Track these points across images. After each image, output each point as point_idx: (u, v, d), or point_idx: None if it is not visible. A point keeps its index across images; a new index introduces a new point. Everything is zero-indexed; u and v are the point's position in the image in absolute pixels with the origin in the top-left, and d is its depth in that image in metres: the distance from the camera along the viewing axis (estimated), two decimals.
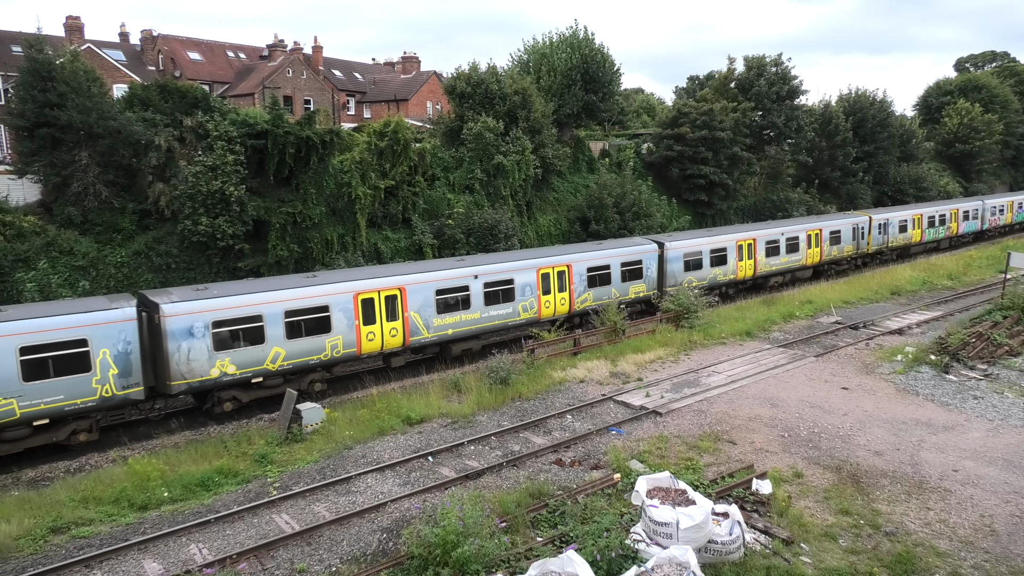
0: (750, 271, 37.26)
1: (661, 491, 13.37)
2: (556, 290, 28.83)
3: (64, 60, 27.81)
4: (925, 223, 50.22)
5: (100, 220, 28.12)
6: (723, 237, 35.92)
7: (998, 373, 23.54)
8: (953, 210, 53.64)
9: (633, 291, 31.83)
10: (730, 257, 35.89)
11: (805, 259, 40.51)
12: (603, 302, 29.58)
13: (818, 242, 41.28)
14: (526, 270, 27.75)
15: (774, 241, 38.50)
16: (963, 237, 55.85)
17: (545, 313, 28.54)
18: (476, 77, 41.46)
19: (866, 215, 45.53)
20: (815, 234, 41.10)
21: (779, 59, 55.23)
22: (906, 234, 48.68)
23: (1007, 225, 61.73)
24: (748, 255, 36.90)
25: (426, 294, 24.84)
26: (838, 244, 42.78)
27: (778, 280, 39.31)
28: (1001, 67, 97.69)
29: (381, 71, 73.91)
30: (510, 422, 20.14)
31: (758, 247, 37.41)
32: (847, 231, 43.50)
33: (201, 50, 60.56)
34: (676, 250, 33.47)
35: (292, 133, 30.12)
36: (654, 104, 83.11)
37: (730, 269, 35.98)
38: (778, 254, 38.75)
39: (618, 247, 31.97)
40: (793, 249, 39.69)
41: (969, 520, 14.46)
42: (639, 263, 31.97)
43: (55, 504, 15.50)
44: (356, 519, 14.83)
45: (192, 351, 20.19)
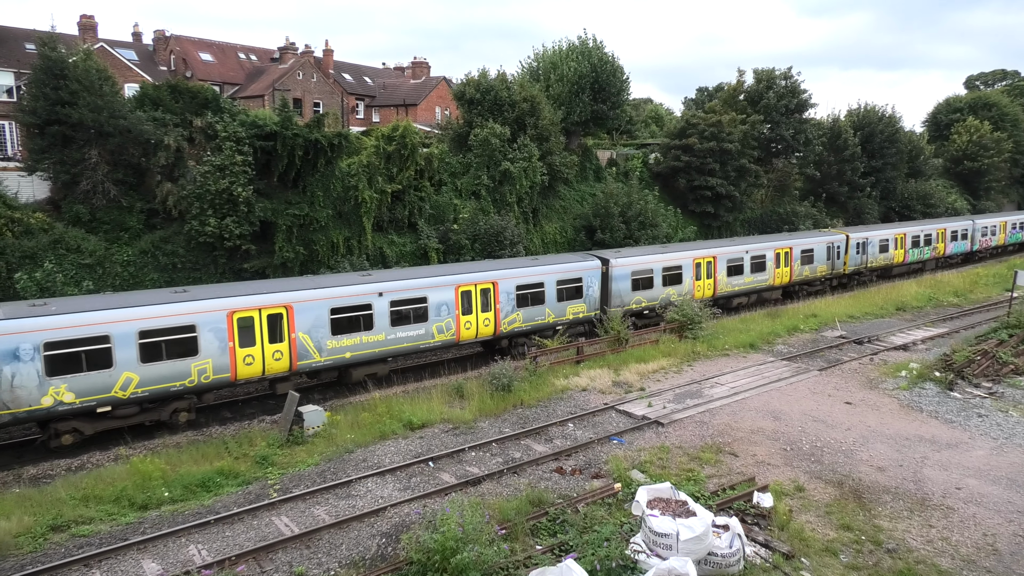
0: (709, 291, 34.67)
1: (662, 502, 13.33)
2: (479, 310, 26.25)
3: (77, 59, 28.00)
4: (909, 243, 47.88)
5: (108, 218, 28.25)
6: (679, 254, 33.66)
7: (1003, 391, 23.42)
8: (940, 230, 51.18)
9: (571, 312, 29.19)
10: (686, 276, 33.44)
11: (773, 279, 38.02)
12: (536, 323, 27.91)
13: (788, 261, 38.78)
14: (442, 287, 25.30)
15: (737, 259, 36.12)
16: (951, 258, 53.39)
17: (465, 335, 26.09)
18: (485, 84, 41.59)
19: (843, 233, 43.41)
20: (784, 252, 38.61)
21: (789, 72, 55.33)
22: (887, 254, 46.26)
23: (999, 246, 59.58)
24: (708, 274, 34.51)
25: (318, 313, 22.34)
26: (810, 264, 40.38)
27: (742, 301, 36.96)
28: (1011, 85, 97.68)
29: (391, 75, 74.21)
30: (511, 429, 20.11)
31: (719, 265, 35.00)
32: (821, 250, 41.12)
33: (213, 51, 60.91)
34: (623, 267, 30.96)
35: (301, 135, 30.23)
36: (662, 114, 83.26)
37: (686, 289, 33.41)
38: (741, 273, 36.29)
39: (554, 263, 29.50)
40: (759, 268, 37.18)
41: (972, 539, 14.37)
42: (578, 281, 29.39)
43: (55, 502, 15.52)
44: (356, 523, 14.81)
45: (17, 376, 17.64)
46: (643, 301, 31.94)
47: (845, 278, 43.83)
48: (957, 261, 54.16)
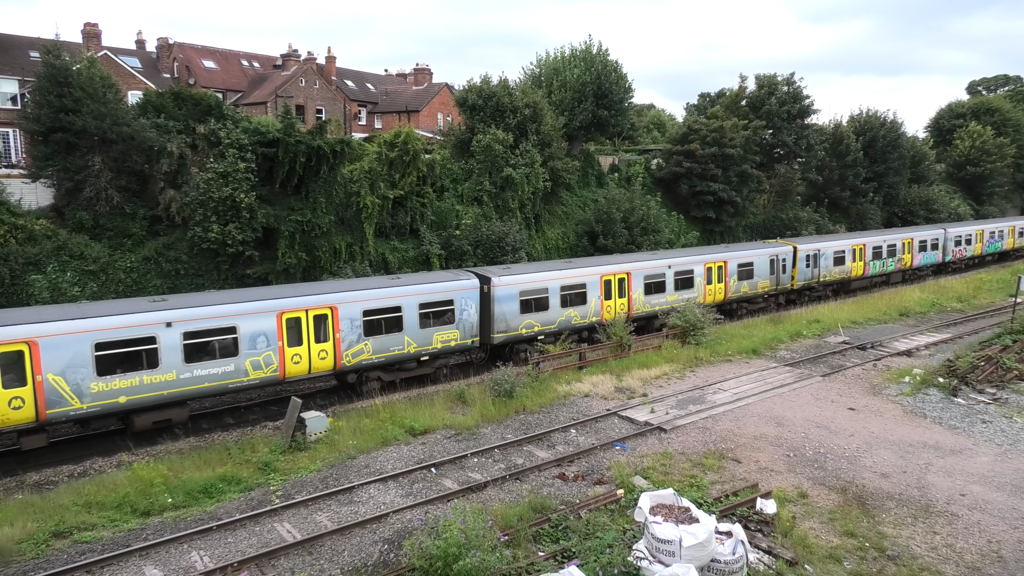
0: (623, 311, 30.93)
1: (664, 508, 13.28)
2: (311, 340, 22.41)
3: (81, 66, 28.12)
4: (869, 254, 44.18)
5: (111, 225, 28.32)
6: (582, 271, 29.74)
7: (1007, 397, 23.34)
8: (906, 239, 47.26)
9: (440, 340, 25.44)
10: (591, 295, 29.61)
11: (703, 297, 34.25)
12: (390, 355, 24.24)
13: (722, 276, 35.32)
14: (259, 314, 21.35)
15: (657, 275, 32.34)
16: (920, 270, 49.46)
17: (293, 370, 22.13)
18: (487, 90, 41.70)
19: (791, 244, 39.90)
20: (718, 267, 35.09)
21: (791, 78, 55.40)
22: (843, 267, 42.55)
23: (976, 257, 55.71)
24: (619, 292, 30.81)
25: (78, 349, 18.41)
26: (749, 279, 36.76)
27: (662, 323, 32.01)
28: (1013, 91, 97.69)
29: (393, 82, 74.44)
30: (514, 435, 20.08)
31: (633, 282, 31.25)
32: (762, 263, 37.44)
33: (216, 58, 61.16)
34: (508, 286, 27.03)
35: (303, 142, 30.32)
36: (665, 120, 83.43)
37: (591, 310, 29.66)
38: (663, 291, 32.57)
39: (415, 283, 25.45)
40: (685, 285, 33.59)
41: (976, 545, 14.30)
42: (448, 304, 25.62)
43: (58, 508, 15.51)
44: (358, 529, 14.78)
45: None
46: (536, 325, 27.94)
47: (793, 294, 40.44)
48: (927, 273, 50.30)
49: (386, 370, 24.68)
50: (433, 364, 25.75)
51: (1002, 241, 58.73)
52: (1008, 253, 60.24)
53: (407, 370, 25.24)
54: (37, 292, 25.13)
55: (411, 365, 25.23)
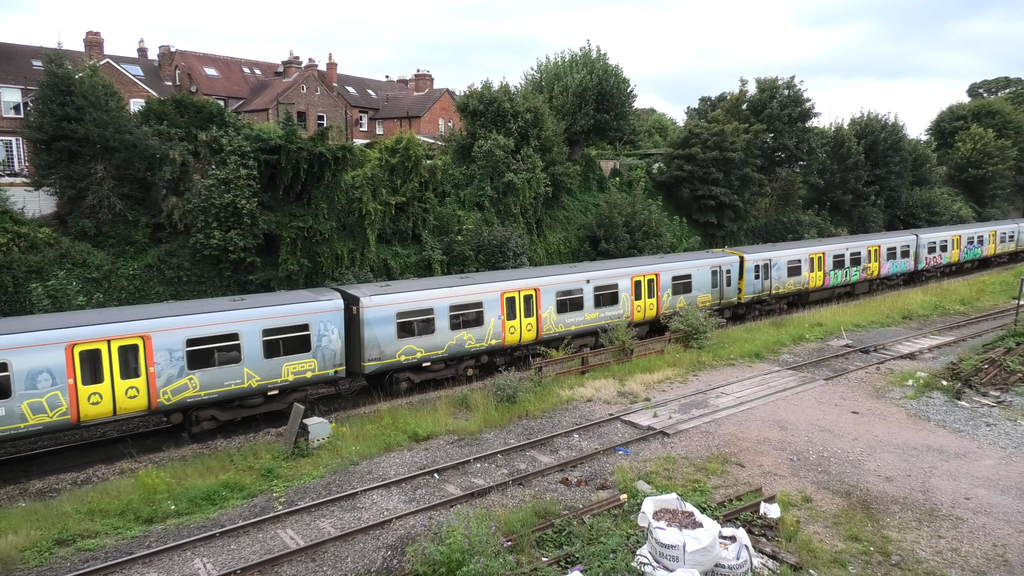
0: (530, 332, 27.70)
1: (668, 513, 13.25)
2: (116, 376, 18.97)
3: (83, 75, 28.23)
4: (829, 263, 40.95)
5: (114, 233, 28.39)
6: (478, 287, 26.21)
7: (1011, 400, 23.27)
8: (873, 246, 44.19)
9: (292, 370, 21.94)
10: (490, 315, 26.30)
11: (630, 314, 30.88)
12: (225, 391, 20.78)
13: (653, 291, 31.93)
14: (40, 348, 17.87)
15: (573, 291, 29.07)
16: (889, 279, 46.43)
17: (91, 412, 18.71)
18: (488, 95, 41.78)
19: (737, 254, 36.66)
20: (648, 280, 31.75)
21: (791, 82, 55.46)
22: (800, 277, 39.23)
23: (952, 264, 52.39)
24: (526, 310, 27.41)
25: None
26: (687, 293, 33.37)
27: (589, 343, 29.80)
28: (1015, 93, 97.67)
29: (394, 88, 74.60)
30: (517, 440, 20.06)
31: (543, 299, 27.85)
32: (703, 275, 34.14)
33: (217, 66, 61.36)
34: (382, 307, 23.69)
35: (305, 149, 30.39)
36: (666, 124, 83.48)
37: (489, 332, 26.37)
38: (580, 309, 29.26)
39: (259, 304, 21.77)
40: (608, 301, 30.21)
41: (981, 549, 14.25)
42: (303, 329, 22.11)
43: (61, 516, 15.51)
44: (361, 536, 14.77)
45: None
46: (418, 351, 24.63)
47: (741, 308, 37.08)
48: (898, 283, 47.25)
49: (222, 408, 21.21)
50: (286, 399, 22.15)
51: (982, 247, 55.46)
52: (989, 260, 57.21)
53: (251, 407, 21.75)
54: (39, 300, 25.17)
55: (256, 401, 21.71)
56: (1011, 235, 59.64)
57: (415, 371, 25.06)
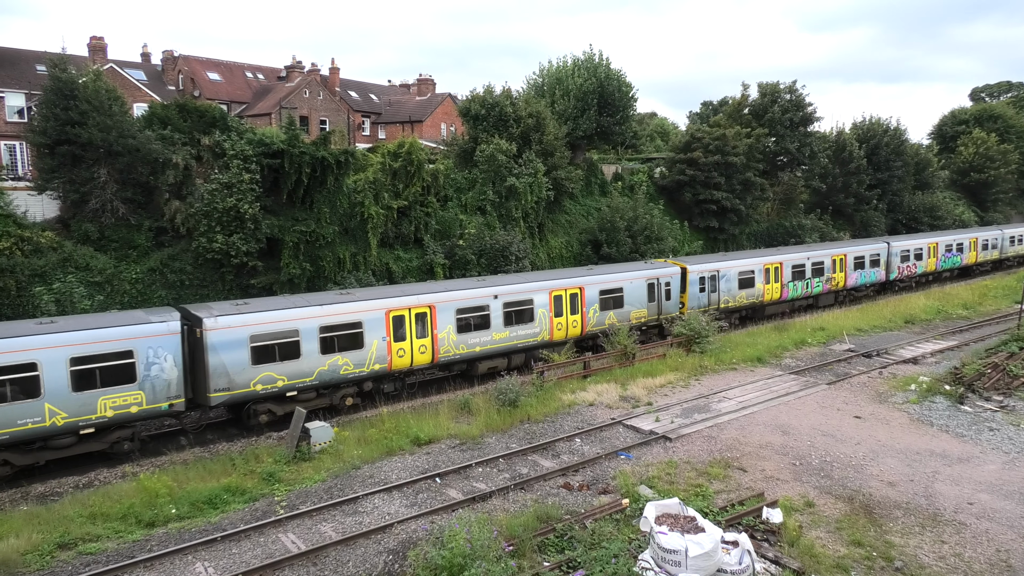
0: (424, 355, 24.69)
1: (670, 517, 13.23)
2: None
3: (87, 79, 28.34)
4: (787, 274, 38.07)
5: (116, 236, 28.45)
6: (357, 305, 23.30)
7: (1014, 405, 23.22)
8: (838, 255, 41.31)
9: (112, 405, 19.01)
10: (372, 336, 23.36)
11: (548, 332, 28.05)
12: (20, 430, 17.78)
13: (577, 306, 28.90)
14: None
15: (476, 307, 25.91)
16: (857, 291, 43.51)
17: None
18: (490, 100, 41.85)
19: (679, 265, 33.79)
20: (570, 295, 28.57)
21: (793, 86, 55.50)
22: (752, 290, 36.36)
23: (929, 274, 49.28)
24: (419, 331, 24.48)
25: None
26: (618, 308, 30.37)
27: (498, 366, 26.90)
28: (1017, 97, 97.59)
29: (396, 93, 74.77)
30: (519, 444, 20.04)
31: (439, 317, 24.92)
32: (636, 288, 31.00)
33: (220, 70, 61.53)
34: (232, 329, 20.67)
35: (307, 153, 30.45)
36: (668, 128, 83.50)
37: (372, 356, 23.43)
38: (487, 327, 26.22)
39: (70, 328, 18.88)
40: (522, 319, 27.24)
41: (985, 555, 14.20)
42: (125, 355, 19.19)
43: (63, 519, 15.53)
44: (362, 540, 14.75)
45: None
46: (280, 379, 21.63)
47: None
48: (868, 293, 44.49)
49: (17, 451, 18.17)
50: (106, 438, 19.43)
51: (961, 255, 51.90)
52: (970, 269, 53.91)
53: (58, 448, 18.77)
54: (43, 304, 25.23)
55: (65, 441, 18.72)
56: (993, 243, 56.17)
57: (278, 402, 21.98)
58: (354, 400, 23.80)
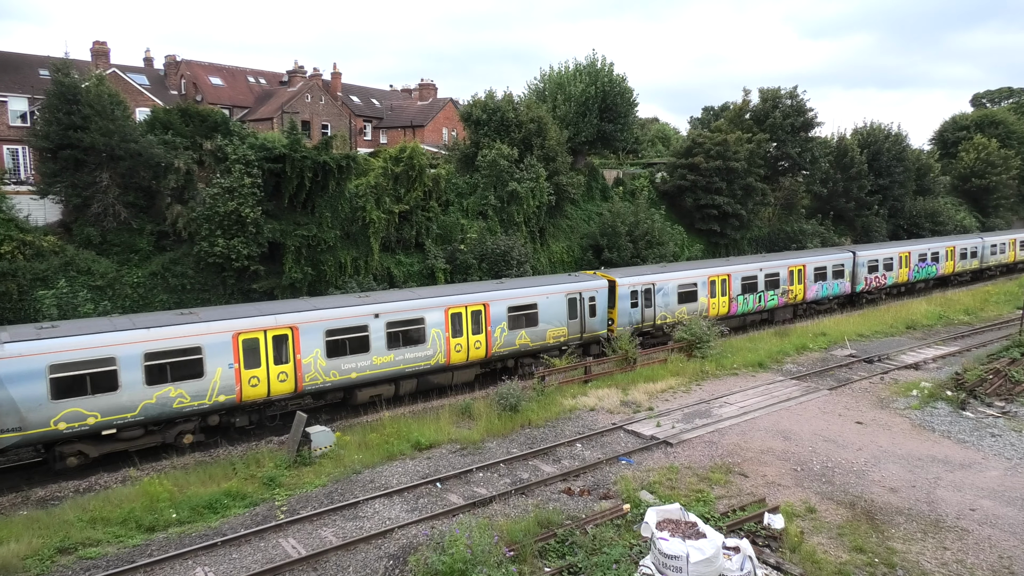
0: (284, 384, 21.51)
1: (671, 523, 13.19)
2: None
3: (89, 84, 28.40)
4: (736, 287, 35.26)
5: (118, 240, 28.49)
6: (198, 327, 20.08)
7: (1016, 411, 23.16)
8: (796, 266, 38.25)
9: None
10: (216, 363, 20.17)
11: (443, 355, 24.81)
12: None
13: (480, 325, 25.70)
14: None
15: (353, 329, 22.79)
16: (817, 304, 40.50)
17: None
18: (492, 105, 41.92)
19: (608, 278, 30.62)
20: (472, 312, 25.50)
21: (794, 91, 55.57)
22: (695, 304, 33.29)
23: (900, 284, 46.21)
24: (278, 356, 21.28)
25: None
26: (532, 326, 27.25)
27: (381, 394, 23.95)
28: (1017, 103, 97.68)
29: (398, 97, 74.92)
30: (519, 449, 20.01)
31: (303, 341, 21.69)
32: (553, 304, 27.77)
33: (222, 75, 61.68)
34: (24, 359, 17.64)
35: (309, 157, 30.50)
36: (669, 134, 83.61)
37: (216, 386, 20.22)
38: (366, 351, 23.05)
39: None
40: (410, 340, 24.01)
41: (987, 561, 14.15)
42: None
43: (63, 524, 15.50)
44: (363, 545, 14.72)
45: None
46: (92, 416, 18.57)
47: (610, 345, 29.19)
48: (831, 306, 41.66)
49: None
50: None
51: (937, 265, 49.06)
52: (946, 279, 51.04)
53: None
54: (45, 308, 25.24)
55: None
56: (973, 251, 52.97)
57: (92, 441, 19.03)
58: (196, 437, 20.70)
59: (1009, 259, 58.20)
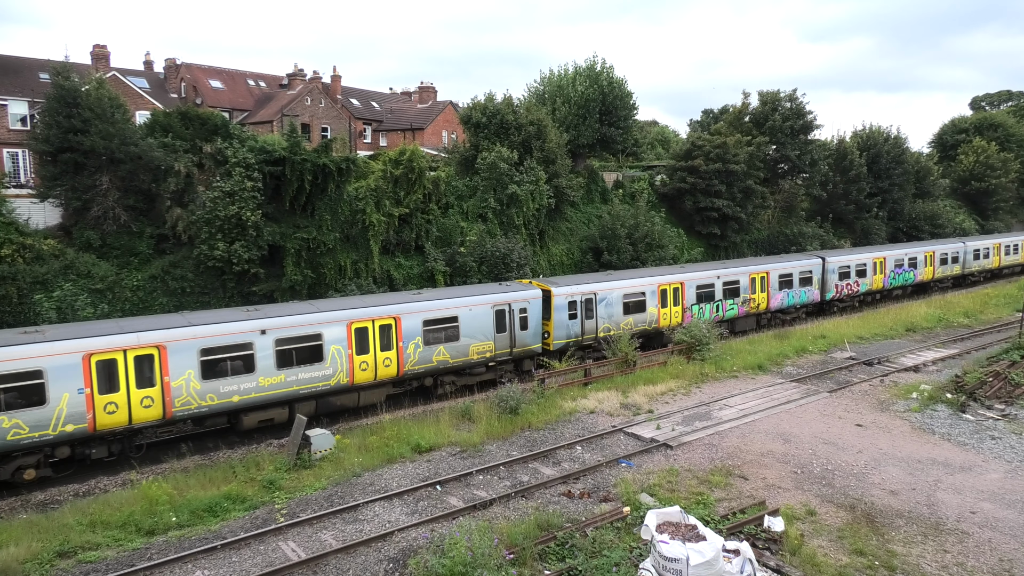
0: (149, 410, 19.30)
1: (671, 526, 13.18)
2: None
3: (89, 87, 28.44)
4: (691, 296, 32.76)
5: (118, 244, 28.51)
6: (34, 348, 17.78)
7: (1016, 413, 23.16)
8: (759, 273, 36.04)
9: None
10: (62, 388, 17.95)
11: (345, 374, 22.65)
12: None
13: (389, 341, 23.47)
14: None
15: (233, 348, 20.60)
16: (784, 313, 38.04)
17: None
18: (492, 107, 41.96)
19: (543, 287, 28.10)
20: (381, 326, 23.30)
21: (793, 94, 55.62)
22: (643, 315, 30.99)
23: (875, 292, 43.85)
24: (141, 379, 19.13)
25: None
26: (453, 341, 25.07)
27: (265, 419, 21.48)
28: (1017, 106, 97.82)
29: (398, 100, 74.99)
30: (519, 452, 20.00)
31: (172, 361, 19.58)
32: (478, 317, 25.72)
33: (222, 78, 61.74)
34: None
35: (309, 160, 30.54)
36: (669, 136, 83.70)
37: (63, 414, 18.04)
38: (251, 371, 20.86)
39: None
40: (306, 358, 21.81)
41: (988, 564, 14.14)
42: None
43: (63, 528, 15.49)
44: (363, 548, 14.71)
45: None
46: None
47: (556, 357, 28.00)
48: (798, 315, 39.33)
49: None
50: None
51: (915, 271, 46.59)
52: (926, 285, 48.57)
53: None
54: (44, 312, 25.25)
55: None
56: (954, 256, 50.36)
57: None
58: (41, 472, 18.45)
59: (994, 264, 55.61)
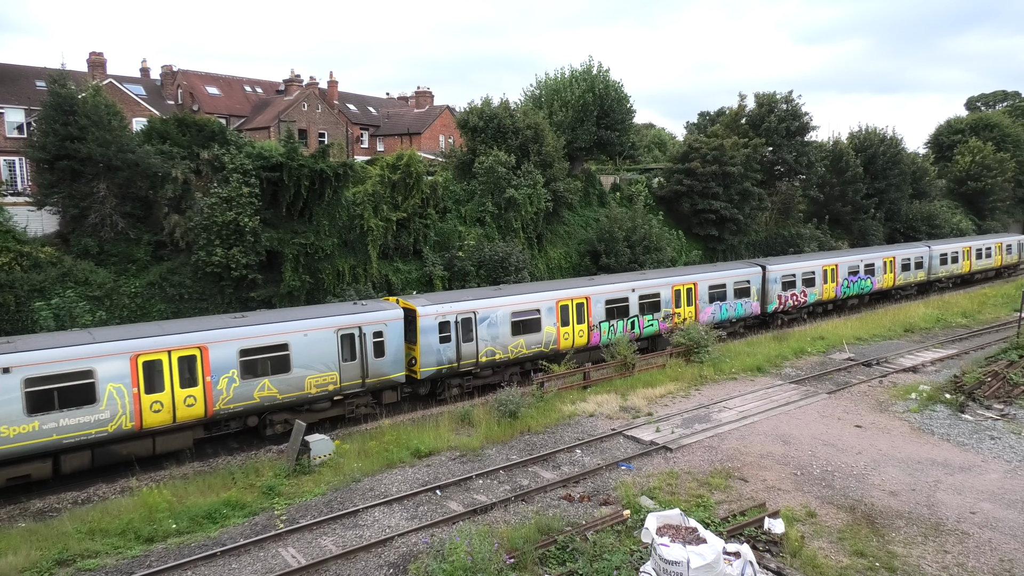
0: None
1: (671, 529, 13.16)
2: None
3: (86, 94, 28.42)
4: (599, 312, 29.44)
5: (116, 251, 28.46)
6: None
7: (1015, 413, 23.18)
8: (684, 285, 32.90)
9: None
10: None
11: (130, 418, 18.93)
12: None
13: (195, 377, 19.88)
14: None
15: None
16: (718, 326, 33.26)
17: None
18: (489, 111, 41.99)
19: (406, 306, 24.85)
20: (184, 358, 19.68)
21: (789, 96, 55.73)
22: (537, 335, 27.55)
23: (825, 302, 40.72)
24: None
25: None
26: (283, 372, 21.52)
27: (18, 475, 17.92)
28: (1012, 106, 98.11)
29: (395, 105, 75.02)
30: (519, 456, 19.98)
31: None
32: (316, 344, 22.11)
33: (219, 84, 61.77)
34: None
35: (306, 166, 30.52)
36: (665, 139, 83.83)
37: None
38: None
39: None
40: (75, 401, 18.15)
41: (988, 564, 14.14)
42: None
43: (61, 536, 15.44)
44: (363, 553, 14.68)
45: None
46: None
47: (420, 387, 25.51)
48: (735, 330, 36.06)
49: None
50: None
51: (873, 278, 43.72)
52: (886, 293, 45.95)
53: None
54: (42, 319, 25.19)
55: None
56: (918, 261, 47.58)
57: None
58: None
59: (963, 270, 52.78)
